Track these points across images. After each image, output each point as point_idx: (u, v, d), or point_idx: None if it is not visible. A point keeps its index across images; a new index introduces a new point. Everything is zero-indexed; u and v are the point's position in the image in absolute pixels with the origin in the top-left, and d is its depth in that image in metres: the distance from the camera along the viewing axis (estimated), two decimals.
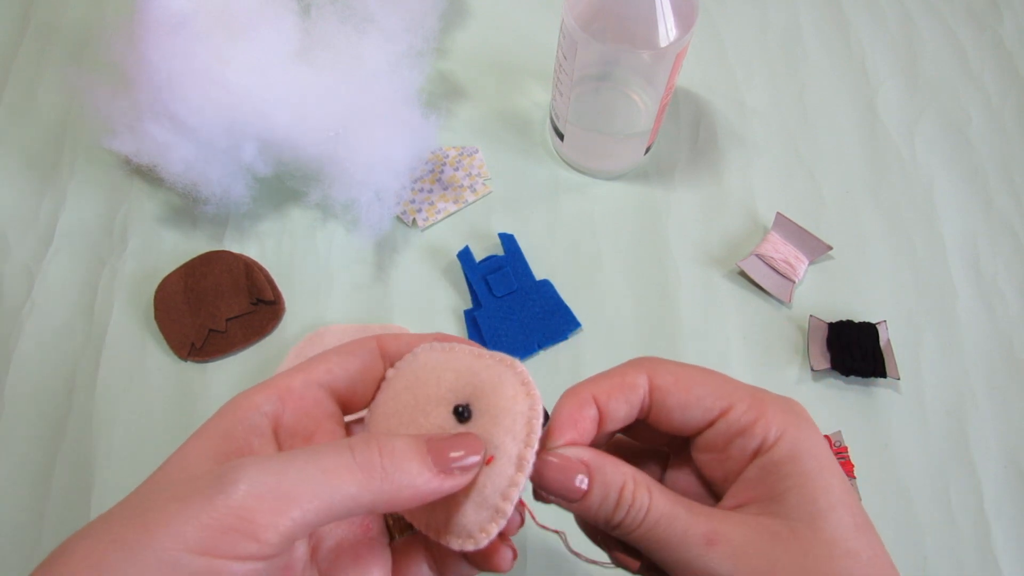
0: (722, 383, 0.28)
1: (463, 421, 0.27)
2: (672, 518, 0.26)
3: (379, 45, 0.54)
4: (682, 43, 0.47)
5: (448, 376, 0.27)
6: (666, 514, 0.26)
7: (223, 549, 0.21)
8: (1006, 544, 0.46)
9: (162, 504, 0.21)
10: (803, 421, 0.27)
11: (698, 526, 0.25)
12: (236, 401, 0.26)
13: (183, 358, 0.50)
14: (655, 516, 0.26)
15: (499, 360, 0.28)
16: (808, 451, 0.26)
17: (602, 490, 0.26)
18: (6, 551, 0.44)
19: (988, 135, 0.62)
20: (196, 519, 0.21)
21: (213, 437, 0.25)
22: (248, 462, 0.22)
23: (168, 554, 0.20)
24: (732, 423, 0.27)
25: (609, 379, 0.28)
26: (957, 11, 0.68)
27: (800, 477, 0.25)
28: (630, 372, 0.28)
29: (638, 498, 0.26)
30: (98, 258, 0.54)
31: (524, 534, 0.45)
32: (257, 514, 0.21)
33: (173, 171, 0.50)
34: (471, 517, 0.25)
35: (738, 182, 0.58)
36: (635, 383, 0.28)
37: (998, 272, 0.56)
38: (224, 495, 0.21)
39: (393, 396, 0.28)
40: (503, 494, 0.25)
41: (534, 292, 0.52)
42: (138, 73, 0.49)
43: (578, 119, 0.54)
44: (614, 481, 0.26)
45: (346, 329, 0.51)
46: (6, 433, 0.48)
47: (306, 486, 0.22)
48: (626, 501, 0.26)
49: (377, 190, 0.52)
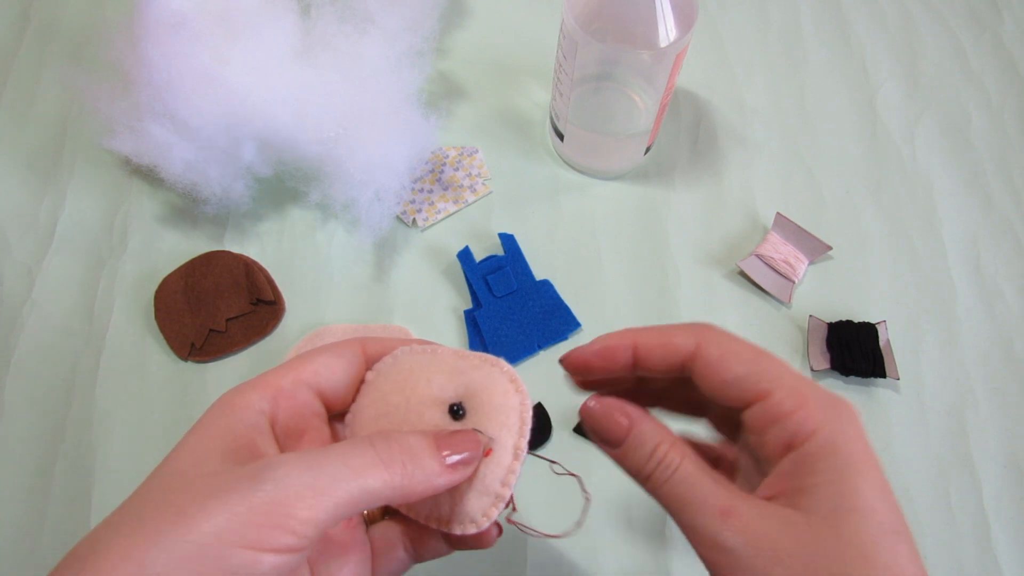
0: (768, 367, 0.27)
1: (458, 419, 0.28)
2: (696, 484, 0.26)
3: (379, 45, 0.54)
4: (682, 43, 0.47)
5: (438, 378, 0.29)
6: (691, 478, 0.26)
7: (262, 542, 0.22)
8: (1006, 544, 0.46)
9: (199, 500, 0.22)
10: (846, 419, 0.26)
11: (717, 497, 0.26)
12: (230, 399, 0.27)
13: (183, 358, 0.50)
14: (680, 476, 0.27)
15: (484, 360, 0.30)
16: (844, 449, 0.25)
17: (638, 440, 0.28)
18: (6, 551, 0.44)
19: (988, 135, 0.62)
20: (235, 514, 0.22)
21: (217, 435, 0.25)
22: (281, 460, 0.23)
23: (209, 548, 0.21)
24: (768, 409, 0.27)
25: (658, 333, 0.29)
26: (957, 11, 0.68)
27: (830, 474, 0.25)
28: (679, 334, 0.28)
29: (670, 456, 0.27)
30: (98, 258, 0.54)
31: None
32: (293, 509, 0.22)
33: (173, 171, 0.50)
34: (474, 504, 0.28)
35: (738, 182, 0.58)
36: (679, 346, 0.28)
37: (998, 272, 0.56)
38: (262, 491, 0.22)
39: (380, 398, 0.29)
40: (503, 481, 0.28)
41: (534, 292, 0.52)
42: (138, 73, 0.49)
43: (578, 119, 0.54)
44: (651, 437, 0.28)
45: (346, 329, 0.51)
46: (6, 433, 0.48)
47: (336, 482, 0.23)
48: (658, 457, 0.27)
49: (377, 190, 0.52)
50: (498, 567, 0.45)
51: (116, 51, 0.50)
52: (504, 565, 0.45)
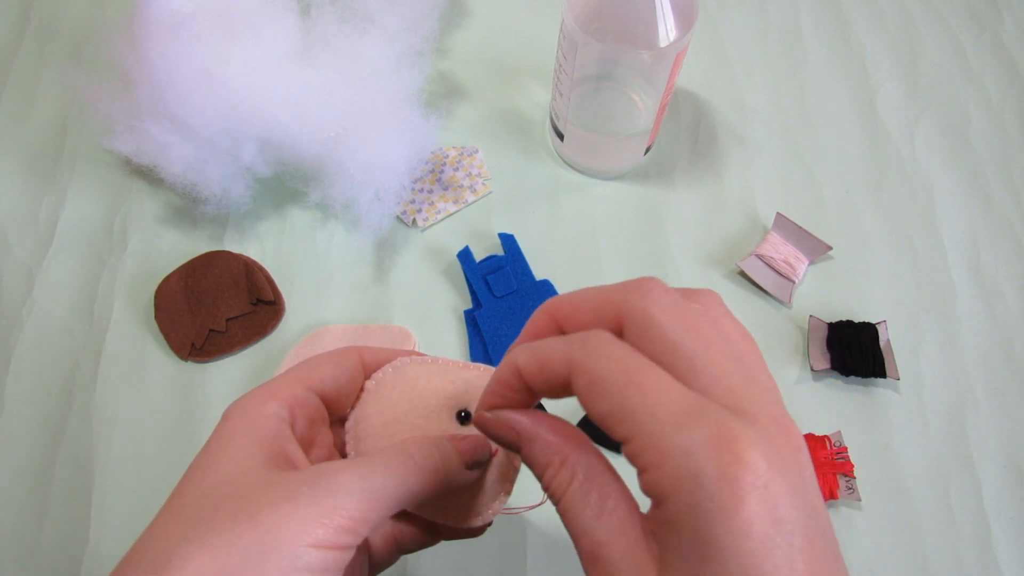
0: (632, 406, 0.22)
1: (465, 424, 0.31)
2: (574, 516, 0.24)
3: (379, 45, 0.54)
4: (682, 43, 0.47)
5: (444, 386, 0.31)
6: (572, 509, 0.24)
7: (328, 540, 0.24)
8: (1006, 544, 0.46)
9: (271, 505, 0.24)
10: (706, 479, 0.21)
11: (590, 535, 0.23)
12: (251, 409, 0.28)
13: (183, 358, 0.50)
14: (564, 505, 0.24)
15: (485, 370, 0.32)
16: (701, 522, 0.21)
17: (529, 459, 0.26)
18: (6, 551, 0.44)
19: (988, 135, 0.62)
20: (305, 517, 0.24)
21: (253, 444, 0.27)
22: (337, 468, 0.26)
23: (285, 547, 0.23)
24: (631, 454, 0.23)
25: (534, 353, 0.25)
26: (957, 11, 0.68)
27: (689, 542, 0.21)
28: (556, 352, 0.24)
29: (556, 481, 0.25)
30: (98, 258, 0.54)
31: (530, 515, 0.46)
32: (352, 511, 0.25)
33: (173, 171, 0.50)
34: (480, 500, 0.30)
35: (738, 182, 0.58)
36: (555, 371, 0.24)
37: (998, 272, 0.56)
38: (326, 496, 0.25)
39: (389, 406, 0.31)
40: (507, 478, 0.31)
41: (534, 292, 0.52)
42: (138, 73, 0.49)
43: (578, 119, 0.54)
44: (540, 457, 0.25)
45: (346, 329, 0.51)
46: (6, 433, 0.48)
47: (386, 488, 0.26)
48: (547, 479, 0.25)
49: (377, 190, 0.52)
50: (498, 567, 0.45)
51: (116, 51, 0.50)
52: (504, 565, 0.45)
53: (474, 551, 0.45)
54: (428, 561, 0.45)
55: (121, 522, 0.45)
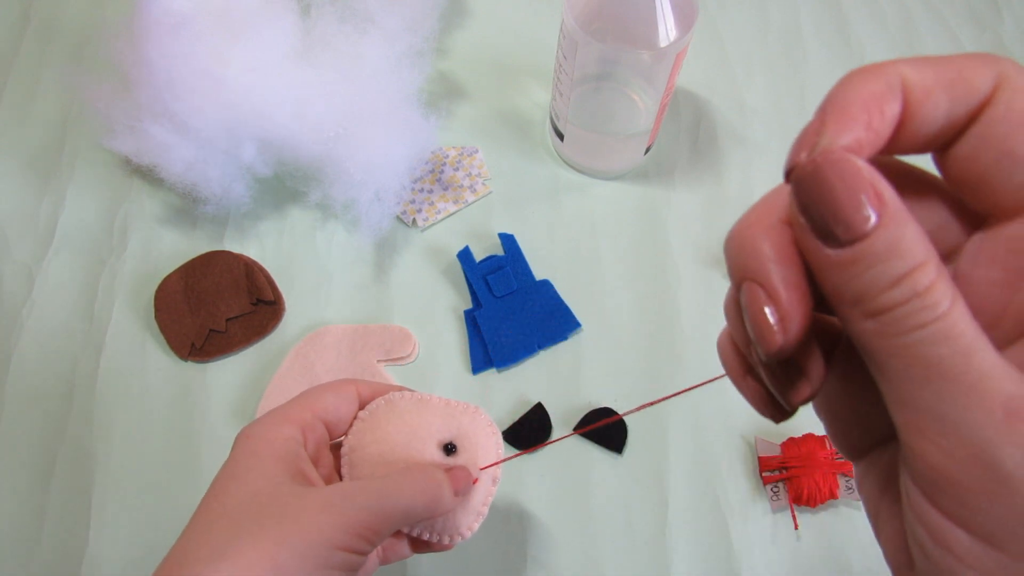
0: None
1: (450, 455, 0.35)
2: (970, 348, 0.16)
3: (379, 45, 0.54)
4: (682, 43, 0.47)
5: (434, 421, 0.35)
6: (963, 339, 0.16)
7: (351, 545, 0.28)
8: None
9: (312, 511, 0.28)
10: None
11: (1002, 381, 0.15)
12: (268, 432, 0.31)
13: (183, 358, 0.50)
14: (944, 330, 0.16)
15: (467, 407, 0.36)
16: None
17: (890, 247, 0.16)
18: (6, 551, 0.44)
19: None
20: (338, 524, 0.28)
21: (277, 462, 0.30)
22: (360, 488, 0.30)
23: (321, 548, 0.27)
24: None
25: (937, 65, 0.18)
26: (957, 11, 0.68)
27: None
28: (971, 66, 0.17)
29: (936, 292, 0.16)
30: (98, 258, 0.54)
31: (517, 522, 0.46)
32: (372, 524, 0.29)
33: (173, 171, 0.50)
34: (462, 520, 0.35)
35: (738, 182, 0.58)
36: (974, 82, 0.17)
37: None
38: (354, 510, 0.29)
39: (384, 437, 0.35)
40: (484, 502, 0.35)
41: (534, 292, 0.52)
42: (138, 73, 0.49)
43: (578, 119, 0.54)
44: (912, 248, 0.16)
45: (346, 329, 0.51)
46: (6, 433, 0.48)
47: (396, 507, 0.30)
48: (913, 286, 0.16)
49: (377, 190, 0.52)
50: (499, 566, 0.45)
51: (116, 51, 0.50)
52: (504, 565, 0.45)
53: (474, 551, 0.45)
54: (428, 561, 0.45)
55: (121, 522, 0.45)
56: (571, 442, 0.48)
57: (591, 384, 0.50)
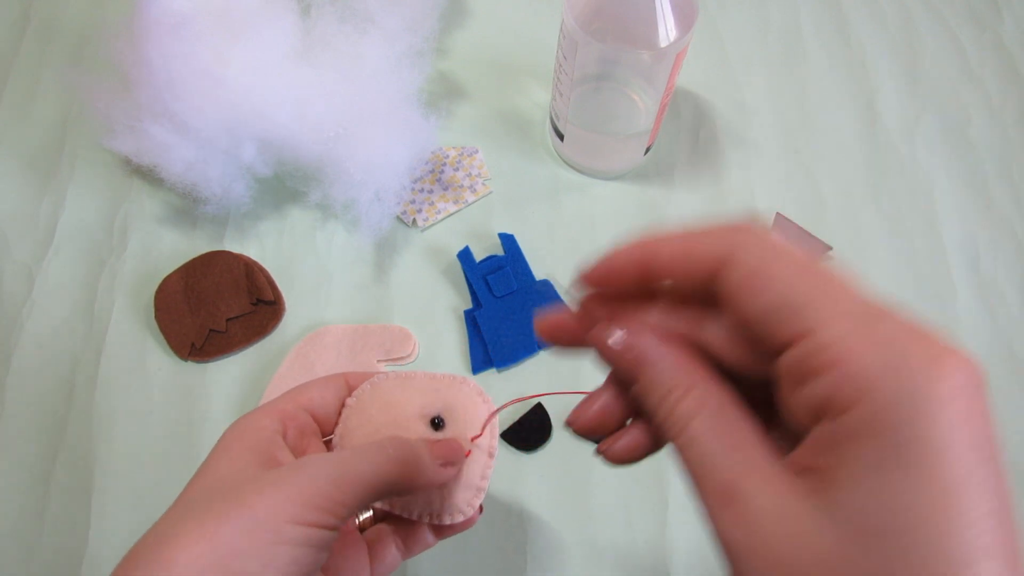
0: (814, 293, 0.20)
1: (439, 429, 0.33)
2: (703, 448, 0.21)
3: (379, 45, 0.54)
4: (682, 43, 0.47)
5: (418, 397, 0.34)
6: (699, 439, 0.21)
7: (307, 518, 0.26)
8: None
9: (256, 489, 0.27)
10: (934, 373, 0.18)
11: (721, 473, 0.20)
12: (246, 423, 0.31)
13: (183, 358, 0.50)
14: (689, 436, 0.22)
15: (454, 379, 0.35)
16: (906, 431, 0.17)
17: (648, 383, 0.24)
18: (6, 551, 0.44)
19: (988, 135, 0.62)
20: (286, 497, 0.26)
21: (246, 450, 0.30)
22: (317, 458, 0.28)
23: (268, 523, 0.26)
24: (803, 356, 0.19)
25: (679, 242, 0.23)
26: (957, 11, 0.68)
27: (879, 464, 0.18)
28: (706, 241, 0.22)
29: (680, 408, 0.22)
30: (98, 258, 0.54)
31: (522, 517, 0.46)
32: (333, 494, 0.27)
33: (173, 171, 0.50)
34: (460, 497, 0.33)
35: (738, 182, 0.58)
36: (703, 257, 0.22)
37: (998, 272, 0.56)
38: (307, 480, 0.27)
39: (368, 419, 0.34)
40: (481, 476, 0.33)
41: (534, 292, 0.52)
42: (138, 73, 0.49)
43: (578, 119, 0.54)
44: (662, 381, 0.23)
45: (346, 329, 0.51)
46: (6, 433, 0.48)
47: (361, 475, 0.28)
48: (667, 406, 0.23)
49: (377, 190, 0.52)
50: (499, 567, 0.45)
51: (116, 51, 0.50)
52: (504, 565, 0.45)
53: (474, 551, 0.45)
54: (428, 561, 0.45)
55: (121, 522, 0.45)
56: (570, 441, 0.48)
57: (591, 384, 0.50)
